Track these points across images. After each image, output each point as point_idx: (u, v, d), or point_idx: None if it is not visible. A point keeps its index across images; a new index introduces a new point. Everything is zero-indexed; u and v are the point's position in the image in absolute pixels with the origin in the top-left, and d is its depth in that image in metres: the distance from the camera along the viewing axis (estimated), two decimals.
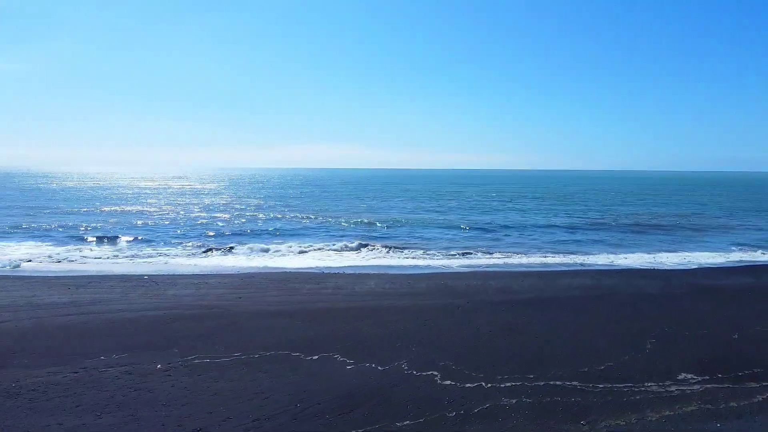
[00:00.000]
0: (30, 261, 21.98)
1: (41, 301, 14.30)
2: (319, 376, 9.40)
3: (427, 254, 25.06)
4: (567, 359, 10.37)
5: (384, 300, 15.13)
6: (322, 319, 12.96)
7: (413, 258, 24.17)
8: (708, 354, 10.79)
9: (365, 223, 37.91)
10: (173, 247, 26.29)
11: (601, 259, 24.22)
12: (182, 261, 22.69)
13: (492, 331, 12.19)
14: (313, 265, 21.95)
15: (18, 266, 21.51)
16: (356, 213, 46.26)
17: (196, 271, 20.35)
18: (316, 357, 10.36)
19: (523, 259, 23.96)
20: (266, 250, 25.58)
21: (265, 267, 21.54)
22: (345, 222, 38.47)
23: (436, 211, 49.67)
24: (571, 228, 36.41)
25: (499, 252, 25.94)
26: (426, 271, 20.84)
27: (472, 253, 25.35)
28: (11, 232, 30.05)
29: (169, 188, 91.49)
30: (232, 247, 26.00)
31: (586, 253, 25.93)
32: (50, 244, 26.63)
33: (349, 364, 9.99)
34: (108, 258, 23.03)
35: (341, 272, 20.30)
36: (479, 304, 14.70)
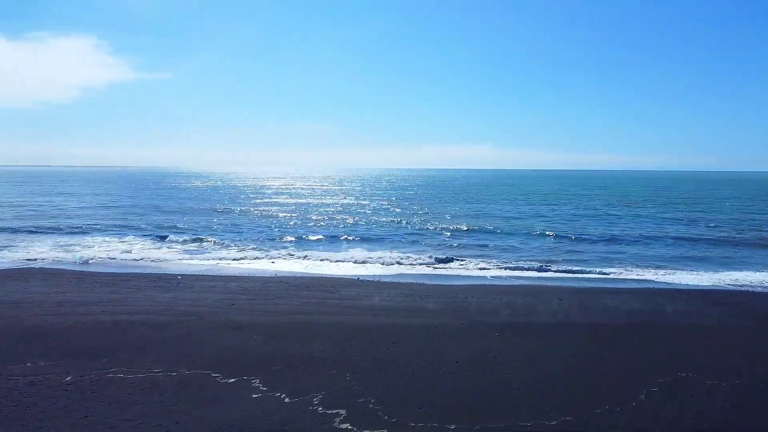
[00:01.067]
0: (97, 257, 23.53)
1: (36, 298, 14.94)
2: (216, 403, 8.48)
3: (491, 263, 23.09)
4: (525, 405, 8.45)
5: (377, 317, 13.79)
6: (284, 335, 12.00)
7: (465, 269, 22.32)
8: (717, 416, 8.21)
9: (452, 229, 36.23)
10: (237, 247, 26.81)
11: (685, 278, 20.58)
12: (231, 262, 22.98)
13: (458, 362, 10.42)
14: (352, 273, 21.01)
15: (86, 262, 23.14)
16: (455, 217, 44.55)
17: (233, 272, 20.43)
18: (233, 380, 9.44)
19: (585, 275, 21.09)
20: (321, 257, 25.20)
21: (303, 272, 21.03)
22: (432, 225, 37.11)
23: (542, 216, 46.26)
24: (684, 240, 31.62)
25: (570, 266, 23.07)
26: (460, 283, 19.04)
27: (531, 267, 22.80)
28: (109, 228, 32.69)
29: (289, 187, 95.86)
30: (291, 253, 25.82)
31: (676, 270, 22.21)
32: (132, 239, 28.44)
33: (259, 392, 8.94)
34: (163, 256, 23.99)
35: (370, 280, 19.22)
36: (476, 326, 12.84)
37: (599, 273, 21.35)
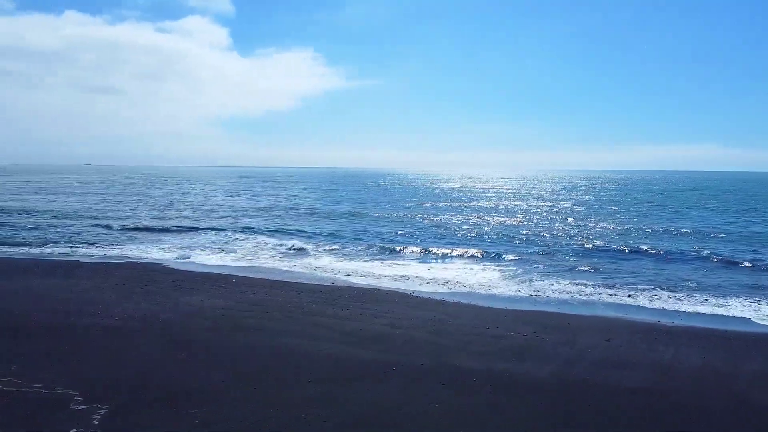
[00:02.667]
0: (194, 253, 24.71)
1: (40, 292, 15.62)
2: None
3: (578, 285, 18.76)
4: None
5: (341, 344, 11.50)
6: (190, 344, 10.49)
7: (531, 290, 18.34)
8: None
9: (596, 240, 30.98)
10: (337, 251, 26.18)
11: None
12: (304, 265, 22.29)
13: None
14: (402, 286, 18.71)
15: (188, 258, 24.43)
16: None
17: (284, 278, 19.60)
18: (46, 391, 8.34)
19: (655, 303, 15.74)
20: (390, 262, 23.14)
21: (343, 280, 19.31)
22: (584, 237, 32.26)
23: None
24: None
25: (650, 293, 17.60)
26: (506, 306, 15.49)
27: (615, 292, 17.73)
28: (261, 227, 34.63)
29: (468, 189, 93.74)
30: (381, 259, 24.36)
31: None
32: (265, 237, 29.41)
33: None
34: (261, 255, 24.23)
35: (403, 291, 16.68)
36: (439, 368, 9.79)
37: None
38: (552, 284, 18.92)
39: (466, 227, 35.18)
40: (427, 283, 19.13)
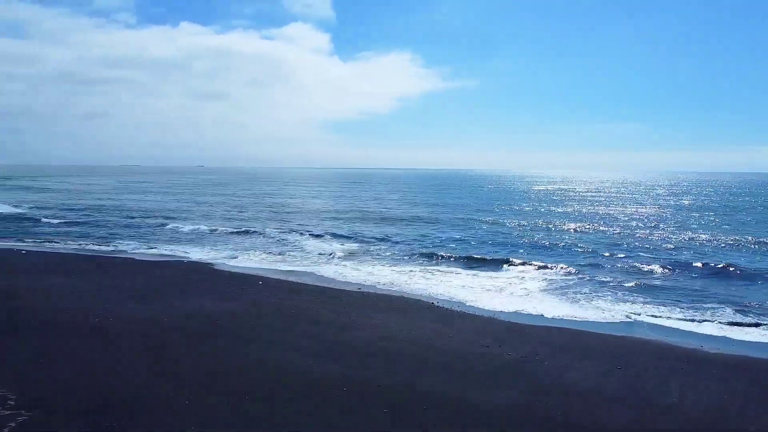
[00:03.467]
0: (240, 255, 25.13)
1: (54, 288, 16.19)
2: None
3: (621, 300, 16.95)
4: None
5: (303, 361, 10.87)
6: (157, 350, 10.27)
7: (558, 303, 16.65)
8: None
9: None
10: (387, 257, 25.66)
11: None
12: (330, 270, 21.88)
13: None
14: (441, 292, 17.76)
15: (235, 258, 24.93)
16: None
17: (310, 281, 19.29)
18: None
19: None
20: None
21: (378, 286, 18.59)
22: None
23: None
24: None
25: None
26: (523, 321, 14.09)
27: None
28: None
29: (557, 191, 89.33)
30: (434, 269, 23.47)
31: None
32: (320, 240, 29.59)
33: None
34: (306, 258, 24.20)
35: (412, 297, 15.72)
36: (396, 390, 8.90)
37: None
38: (597, 300, 17.18)
39: (537, 234, 33.04)
40: (455, 293, 18.03)
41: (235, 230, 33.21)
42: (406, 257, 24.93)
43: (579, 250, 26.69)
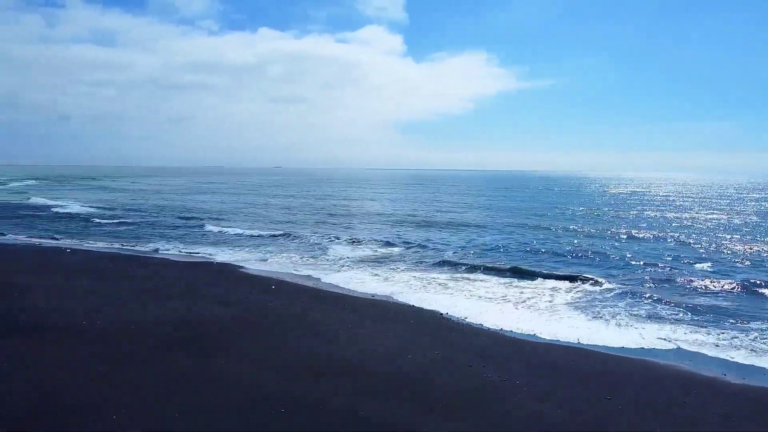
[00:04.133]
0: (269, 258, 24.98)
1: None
2: None
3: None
4: None
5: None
6: (124, 357, 9.93)
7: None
8: None
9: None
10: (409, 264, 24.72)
11: None
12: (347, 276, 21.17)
13: None
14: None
15: (264, 260, 24.81)
16: None
17: (319, 286, 18.69)
18: None
19: None
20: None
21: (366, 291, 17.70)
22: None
23: None
24: None
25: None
26: (531, 339, 12.68)
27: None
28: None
29: (640, 194, 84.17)
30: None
31: None
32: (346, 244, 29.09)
33: None
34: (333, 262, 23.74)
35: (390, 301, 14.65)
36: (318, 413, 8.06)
37: None
38: (630, 319, 15.45)
39: (592, 242, 30.59)
40: (468, 304, 16.85)
41: (276, 233, 32.91)
42: (435, 264, 23.71)
43: (635, 262, 24.29)
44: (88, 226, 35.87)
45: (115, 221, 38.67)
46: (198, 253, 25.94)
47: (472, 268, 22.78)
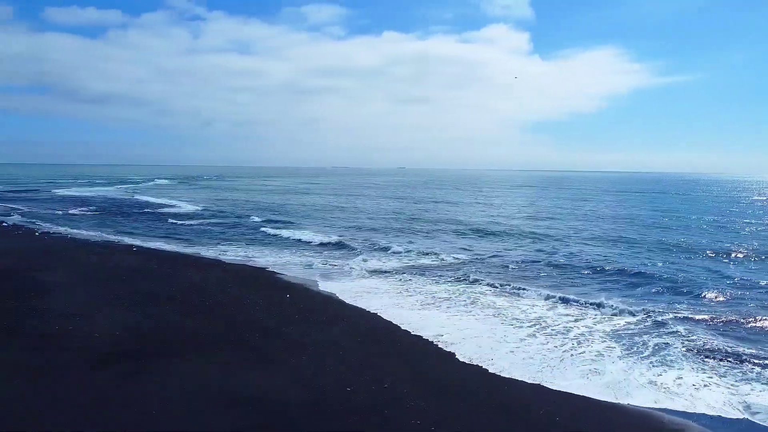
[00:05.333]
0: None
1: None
2: None
3: None
4: None
5: None
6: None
7: None
8: None
9: None
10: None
11: None
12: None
13: None
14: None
15: (310, 266, 23.92)
16: None
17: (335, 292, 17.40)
18: None
19: None
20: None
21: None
22: None
23: None
24: None
25: None
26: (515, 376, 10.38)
27: None
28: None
29: None
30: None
31: None
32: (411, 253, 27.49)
33: None
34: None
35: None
36: None
37: None
38: (680, 368, 12.56)
39: (699, 263, 26.22)
40: (480, 332, 14.67)
41: (334, 241, 31.14)
42: (476, 282, 21.14)
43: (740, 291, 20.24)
44: (162, 225, 37.74)
45: (195, 221, 40.14)
46: (248, 256, 25.66)
47: (520, 290, 19.88)
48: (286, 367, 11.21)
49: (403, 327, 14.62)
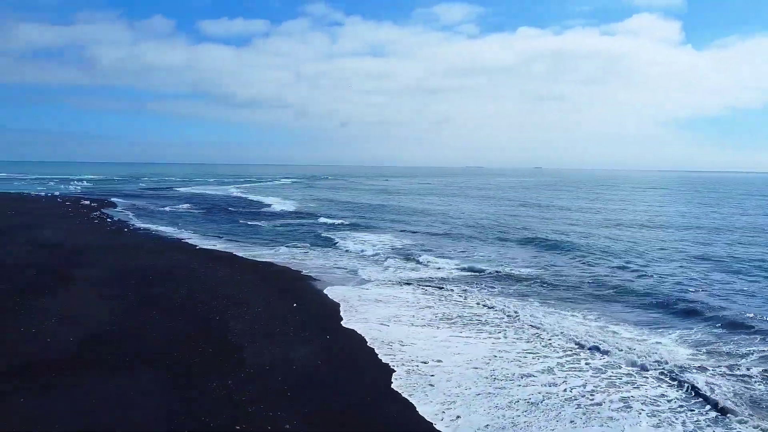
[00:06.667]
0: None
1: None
2: None
3: None
4: None
5: None
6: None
7: None
8: None
9: None
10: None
11: None
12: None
13: None
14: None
15: (356, 271, 22.94)
16: None
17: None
18: None
19: None
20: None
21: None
22: None
23: None
24: None
25: None
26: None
27: None
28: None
29: None
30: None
31: None
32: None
33: None
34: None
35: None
36: None
37: None
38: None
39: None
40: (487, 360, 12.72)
41: (399, 254, 29.03)
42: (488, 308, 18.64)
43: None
44: (235, 224, 38.94)
45: (271, 222, 40.44)
46: (293, 258, 25.22)
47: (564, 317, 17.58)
48: (197, 391, 10.29)
49: (376, 350, 13.10)
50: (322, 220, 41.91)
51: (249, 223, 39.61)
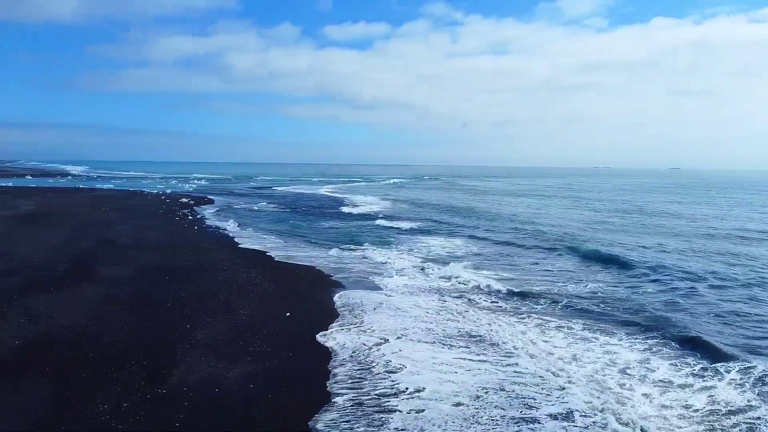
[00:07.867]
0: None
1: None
2: None
3: None
4: None
5: None
6: None
7: None
8: None
9: None
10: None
11: None
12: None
13: None
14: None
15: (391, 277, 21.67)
16: None
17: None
18: None
19: None
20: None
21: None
22: None
23: None
24: None
25: None
26: None
27: None
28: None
29: None
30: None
31: None
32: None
33: None
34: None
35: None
36: None
37: None
38: None
39: None
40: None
41: (448, 262, 27.26)
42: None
43: None
44: (306, 224, 38.68)
45: (348, 222, 39.83)
46: (334, 261, 24.24)
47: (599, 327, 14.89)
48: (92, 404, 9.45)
49: (338, 370, 11.62)
50: (392, 223, 40.50)
51: (320, 223, 39.41)
